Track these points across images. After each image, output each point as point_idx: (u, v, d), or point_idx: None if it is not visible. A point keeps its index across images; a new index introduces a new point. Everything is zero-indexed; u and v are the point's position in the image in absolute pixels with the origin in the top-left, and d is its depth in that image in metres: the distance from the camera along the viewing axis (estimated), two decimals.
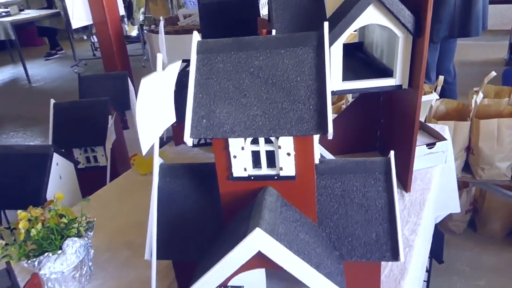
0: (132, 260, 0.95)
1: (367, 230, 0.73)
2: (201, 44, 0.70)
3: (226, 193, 0.72)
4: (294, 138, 0.64)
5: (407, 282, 0.82)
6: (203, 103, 0.66)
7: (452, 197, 1.50)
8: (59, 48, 6.51)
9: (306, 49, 0.67)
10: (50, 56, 6.44)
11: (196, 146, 1.42)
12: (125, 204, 1.17)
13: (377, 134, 1.28)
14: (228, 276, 0.65)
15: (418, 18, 0.92)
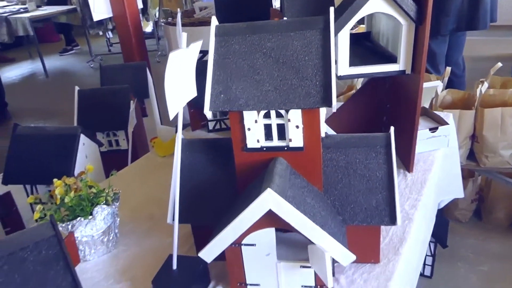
0: (153, 230, 1.04)
1: (368, 198, 0.80)
2: (219, 28, 0.78)
3: (241, 163, 0.79)
4: (302, 111, 0.72)
5: (405, 250, 0.89)
6: (221, 80, 0.74)
7: (455, 183, 1.56)
8: (75, 44, 6.65)
9: (313, 31, 0.74)
10: (65, 52, 6.58)
11: (212, 131, 1.50)
12: (146, 182, 1.25)
13: (384, 119, 1.35)
14: (242, 233, 0.73)
15: (420, 6, 0.99)
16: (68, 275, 0.64)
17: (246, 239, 0.75)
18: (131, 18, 1.74)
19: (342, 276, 0.83)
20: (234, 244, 0.75)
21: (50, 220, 0.65)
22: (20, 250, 0.62)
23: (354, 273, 0.83)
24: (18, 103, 4.53)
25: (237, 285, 0.80)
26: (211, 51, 0.76)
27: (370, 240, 0.83)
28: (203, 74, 1.22)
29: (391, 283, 0.81)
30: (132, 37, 1.77)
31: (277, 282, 0.78)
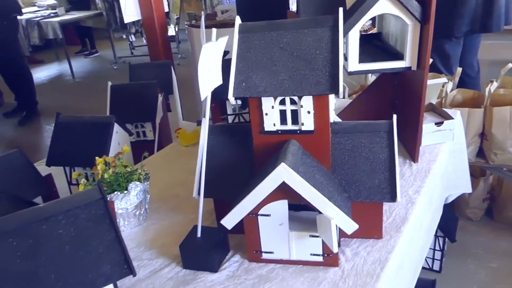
0: (178, 207, 1.15)
1: (372, 177, 0.90)
2: (241, 26, 0.89)
3: (258, 145, 0.90)
4: (313, 98, 0.82)
5: (406, 229, 0.98)
6: (243, 70, 0.85)
7: (463, 178, 1.63)
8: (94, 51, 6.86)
9: (324, 29, 0.85)
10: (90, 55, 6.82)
11: None
12: (171, 168, 1.37)
13: (392, 114, 1.44)
14: (259, 203, 0.83)
15: (424, 7, 1.08)
16: (112, 231, 0.75)
17: (262, 210, 0.86)
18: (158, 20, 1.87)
19: (347, 248, 0.93)
20: (252, 214, 0.86)
21: (98, 186, 0.77)
22: (75, 208, 0.74)
23: (359, 247, 0.93)
24: (47, 102, 4.74)
25: (254, 252, 0.91)
26: (234, 46, 0.87)
27: (373, 216, 0.93)
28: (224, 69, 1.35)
29: (392, 255, 0.90)
30: (158, 38, 1.90)
31: (288, 250, 0.88)
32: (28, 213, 0.74)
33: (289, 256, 0.89)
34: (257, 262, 0.91)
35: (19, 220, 0.72)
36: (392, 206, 1.05)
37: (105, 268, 0.74)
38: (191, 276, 0.89)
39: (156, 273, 0.91)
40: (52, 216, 0.73)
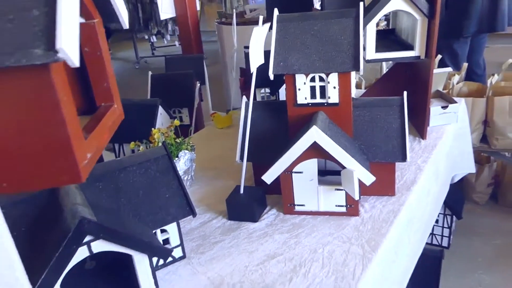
0: (218, 176, 1.33)
1: (386, 143, 1.07)
2: (279, 17, 1.07)
3: (292, 116, 1.08)
4: (338, 75, 1.00)
5: (415, 189, 1.15)
6: (281, 53, 1.03)
7: (468, 159, 1.80)
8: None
9: (348, 19, 1.03)
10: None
11: None
12: (209, 145, 1.56)
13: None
14: (293, 162, 1.01)
15: (431, 4, 1.25)
16: (176, 180, 0.94)
17: (295, 168, 1.04)
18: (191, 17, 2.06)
19: (366, 203, 1.10)
20: (287, 172, 1.04)
21: (163, 145, 0.95)
22: (146, 161, 0.93)
23: (375, 202, 1.10)
24: None
25: (288, 205, 1.09)
26: (274, 33, 1.05)
27: (387, 176, 1.10)
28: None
29: (403, 208, 1.07)
30: (191, 33, 2.09)
31: (317, 202, 1.06)
32: (110, 164, 0.93)
33: (317, 208, 1.07)
34: (290, 214, 1.09)
35: (102, 169, 0.91)
36: (403, 171, 1.22)
37: (172, 209, 0.93)
38: (236, 225, 1.08)
39: (205, 224, 1.10)
40: (128, 167, 0.92)
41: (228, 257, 0.95)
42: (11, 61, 0.31)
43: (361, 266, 0.89)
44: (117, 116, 0.54)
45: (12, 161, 0.37)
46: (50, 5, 0.33)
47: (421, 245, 1.32)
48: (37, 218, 0.76)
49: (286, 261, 0.92)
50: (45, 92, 0.35)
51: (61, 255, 0.68)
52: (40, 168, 0.37)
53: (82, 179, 0.39)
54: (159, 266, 0.93)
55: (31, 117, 0.35)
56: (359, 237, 0.98)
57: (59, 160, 0.37)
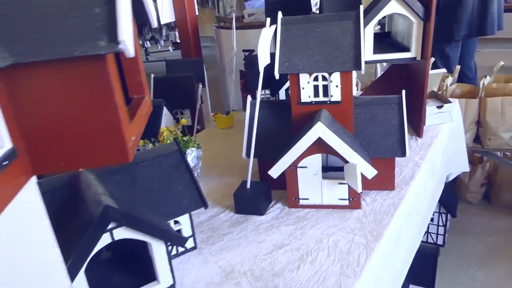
0: (224, 174, 1.38)
1: (386, 139, 1.13)
2: (283, 19, 1.13)
3: (296, 114, 1.13)
4: (340, 74, 1.06)
5: (413, 183, 1.21)
6: (285, 53, 1.09)
7: (462, 158, 1.87)
8: None
9: (348, 21, 1.08)
10: None
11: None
12: (212, 145, 1.61)
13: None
14: (298, 157, 1.06)
15: (426, 8, 1.32)
16: (188, 174, 0.99)
17: (300, 163, 1.09)
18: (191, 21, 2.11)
19: (367, 197, 1.15)
20: (292, 167, 1.09)
21: (175, 141, 1.00)
22: (158, 156, 0.97)
23: (376, 196, 1.16)
24: None
25: (293, 199, 1.14)
26: (278, 34, 1.11)
27: (387, 171, 1.16)
28: (251, 64, 1.60)
29: (402, 201, 1.13)
30: (190, 37, 2.14)
31: (321, 196, 1.11)
32: None
33: (321, 201, 1.12)
34: (295, 208, 1.14)
35: None
36: (402, 167, 1.28)
37: (184, 201, 0.97)
38: (243, 218, 1.12)
39: (214, 217, 1.14)
40: (143, 162, 0.96)
41: (238, 247, 1.00)
42: (79, 51, 0.36)
43: (365, 255, 0.94)
44: (148, 107, 0.59)
45: (69, 142, 0.41)
46: (110, 3, 0.38)
47: (418, 239, 1.37)
48: (61, 208, 0.80)
49: (293, 251, 0.97)
50: (101, 80, 0.39)
51: (87, 240, 0.72)
52: (94, 148, 0.42)
53: (130, 159, 0.44)
54: (171, 256, 0.97)
55: (88, 102, 0.40)
56: (362, 228, 1.03)
57: (110, 141, 0.42)
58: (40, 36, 0.36)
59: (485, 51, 3.45)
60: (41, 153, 0.42)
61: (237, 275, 0.91)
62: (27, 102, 0.39)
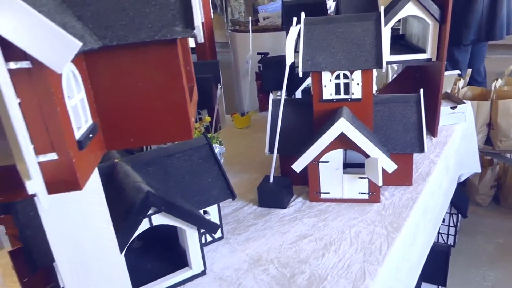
0: (244, 170, 1.42)
1: (404, 135, 1.17)
2: (306, 20, 1.17)
3: (317, 111, 1.17)
4: (362, 72, 1.10)
5: (430, 179, 1.25)
6: (308, 52, 1.13)
7: (473, 159, 1.90)
8: None
9: (369, 22, 1.13)
10: None
11: None
12: (231, 143, 1.65)
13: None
14: (320, 152, 1.10)
15: (442, 10, 1.36)
16: (216, 166, 1.03)
17: (322, 158, 1.13)
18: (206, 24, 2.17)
19: (386, 192, 1.19)
20: (314, 162, 1.13)
21: (203, 135, 1.04)
22: (189, 149, 1.02)
23: (394, 191, 1.20)
24: None
25: (314, 193, 1.18)
26: (301, 34, 1.15)
27: (405, 166, 1.19)
28: (269, 66, 1.66)
29: (420, 196, 1.16)
30: (206, 41, 2.20)
31: (341, 190, 1.15)
32: (157, 151, 1.02)
33: (341, 195, 1.16)
34: (316, 201, 1.18)
35: (151, 155, 1.00)
36: (418, 164, 1.31)
37: (214, 192, 1.01)
38: (266, 211, 1.16)
39: (238, 210, 1.18)
40: (174, 154, 1.01)
41: (263, 237, 1.04)
42: (159, 35, 0.41)
43: (386, 244, 0.98)
44: (196, 95, 0.64)
45: (139, 120, 0.46)
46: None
47: (432, 236, 1.40)
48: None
49: (317, 240, 1.01)
50: (172, 63, 0.44)
51: (129, 224, 0.76)
52: (161, 126, 0.46)
53: (192, 136, 0.48)
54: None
55: (159, 83, 0.45)
56: (382, 220, 1.07)
57: (177, 120, 0.46)
58: (126, 22, 0.40)
59: (494, 57, 3.48)
60: (114, 130, 0.46)
61: (264, 262, 0.95)
62: (103, 83, 0.44)
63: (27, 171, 0.30)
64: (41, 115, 0.34)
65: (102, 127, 0.46)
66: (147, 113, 0.45)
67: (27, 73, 0.32)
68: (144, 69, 0.44)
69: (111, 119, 0.45)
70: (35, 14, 0.30)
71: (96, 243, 0.58)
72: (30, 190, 0.30)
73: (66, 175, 0.36)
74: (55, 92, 0.34)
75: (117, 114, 0.45)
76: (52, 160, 0.35)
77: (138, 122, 0.46)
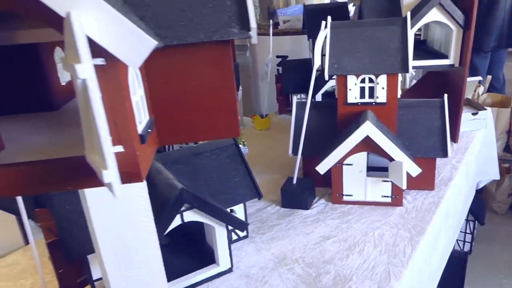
0: (265, 171, 1.44)
1: (428, 140, 1.18)
2: (332, 24, 1.19)
3: (341, 114, 1.19)
4: (387, 76, 1.11)
5: (452, 184, 1.25)
6: (334, 56, 1.15)
7: (492, 166, 1.90)
8: None
9: (395, 26, 1.14)
10: None
11: None
12: (251, 145, 1.67)
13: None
14: (345, 155, 1.12)
15: (466, 16, 1.37)
16: (243, 166, 1.05)
17: (346, 160, 1.14)
18: None
19: (408, 196, 1.20)
20: (338, 164, 1.15)
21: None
22: (217, 149, 1.04)
23: (417, 195, 1.20)
24: None
25: (337, 195, 1.19)
26: (328, 38, 1.17)
27: (428, 171, 1.20)
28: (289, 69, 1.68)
29: (442, 200, 1.17)
30: None
31: (364, 192, 1.16)
32: (186, 149, 1.04)
33: (364, 198, 1.17)
34: (339, 203, 1.19)
35: (180, 153, 1.02)
36: (439, 170, 1.32)
37: (240, 191, 1.03)
38: (289, 212, 1.18)
39: (261, 210, 1.20)
40: (203, 153, 1.03)
41: (287, 237, 1.05)
42: (217, 36, 0.43)
43: (410, 247, 0.98)
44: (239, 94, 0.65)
45: (190, 117, 0.48)
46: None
47: (452, 241, 1.41)
48: None
49: (341, 242, 1.02)
50: (224, 62, 0.46)
51: (163, 219, 0.78)
52: (210, 123, 0.48)
53: (239, 134, 0.50)
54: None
55: (211, 82, 0.46)
56: (405, 224, 1.07)
57: (226, 117, 0.48)
58: (185, 22, 0.42)
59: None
60: (166, 126, 0.48)
61: (289, 261, 0.96)
62: (158, 81, 0.46)
63: (104, 162, 0.32)
64: (111, 109, 0.36)
65: (155, 123, 0.48)
66: (198, 110, 0.47)
67: (100, 70, 0.34)
68: (198, 67, 0.45)
69: (164, 115, 0.47)
70: (117, 13, 0.32)
71: (138, 237, 0.60)
72: (106, 179, 0.32)
73: (130, 167, 0.38)
74: (125, 87, 0.37)
75: (170, 111, 0.47)
76: (119, 152, 0.37)
77: (189, 119, 0.48)
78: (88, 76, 0.30)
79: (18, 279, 0.97)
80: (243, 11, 0.43)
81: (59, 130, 0.52)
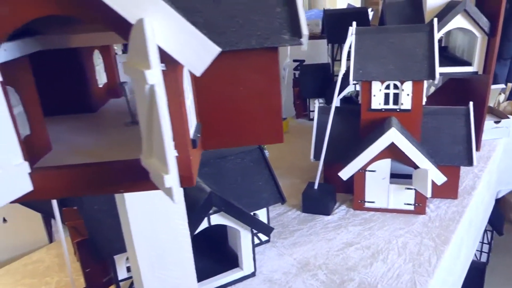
0: (284, 175, 1.43)
1: (453, 148, 1.16)
2: (357, 30, 1.18)
3: (365, 120, 1.18)
4: (413, 83, 1.10)
5: (475, 193, 1.24)
6: (359, 62, 1.14)
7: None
8: None
9: (422, 33, 1.13)
10: None
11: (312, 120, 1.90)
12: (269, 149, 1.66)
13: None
14: (368, 161, 1.11)
15: (492, 23, 1.35)
16: (266, 170, 1.05)
17: (369, 167, 1.13)
18: None
19: (431, 204, 1.19)
20: (361, 170, 1.14)
21: None
22: (241, 152, 1.04)
23: (440, 203, 1.19)
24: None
25: (358, 202, 1.18)
26: (353, 44, 1.16)
27: (451, 179, 1.19)
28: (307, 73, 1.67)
29: (466, 209, 1.16)
30: None
31: (387, 199, 1.16)
32: (211, 152, 1.04)
33: (386, 205, 1.16)
34: (360, 210, 1.18)
35: (205, 156, 1.02)
36: (462, 178, 1.30)
37: (264, 195, 1.03)
38: (310, 217, 1.17)
39: (282, 214, 1.19)
40: (228, 156, 1.03)
41: (309, 243, 1.05)
42: (268, 43, 0.43)
43: (435, 256, 0.97)
44: None
45: (236, 122, 0.48)
46: (288, 4, 0.44)
47: (472, 251, 1.40)
48: None
49: (364, 249, 1.01)
50: (272, 69, 0.46)
51: (192, 222, 0.78)
52: (255, 128, 0.48)
53: (283, 140, 0.50)
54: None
55: (258, 88, 0.46)
56: (429, 232, 1.06)
57: (271, 123, 0.48)
58: (236, 28, 0.42)
59: None
60: (211, 131, 0.48)
61: (312, 267, 0.96)
62: (206, 86, 0.46)
63: (165, 166, 0.32)
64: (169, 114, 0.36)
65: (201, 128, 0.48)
66: (244, 115, 0.47)
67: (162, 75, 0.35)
68: (247, 73, 0.45)
69: (210, 120, 0.47)
70: (183, 20, 0.32)
71: (173, 239, 0.60)
72: (167, 183, 0.32)
73: (183, 171, 0.38)
74: (182, 93, 0.37)
75: (216, 116, 0.47)
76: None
77: (235, 124, 0.48)
78: (156, 82, 0.30)
79: (43, 276, 0.98)
80: (294, 18, 0.43)
81: (100, 131, 0.52)
